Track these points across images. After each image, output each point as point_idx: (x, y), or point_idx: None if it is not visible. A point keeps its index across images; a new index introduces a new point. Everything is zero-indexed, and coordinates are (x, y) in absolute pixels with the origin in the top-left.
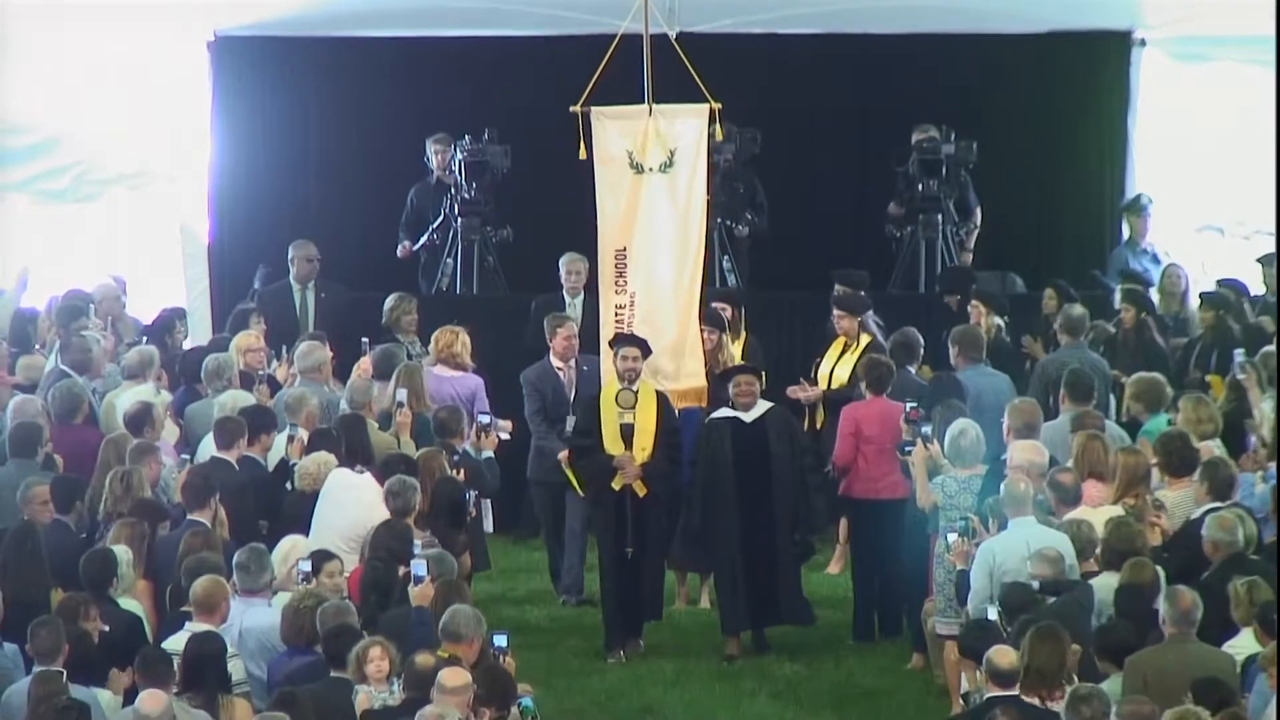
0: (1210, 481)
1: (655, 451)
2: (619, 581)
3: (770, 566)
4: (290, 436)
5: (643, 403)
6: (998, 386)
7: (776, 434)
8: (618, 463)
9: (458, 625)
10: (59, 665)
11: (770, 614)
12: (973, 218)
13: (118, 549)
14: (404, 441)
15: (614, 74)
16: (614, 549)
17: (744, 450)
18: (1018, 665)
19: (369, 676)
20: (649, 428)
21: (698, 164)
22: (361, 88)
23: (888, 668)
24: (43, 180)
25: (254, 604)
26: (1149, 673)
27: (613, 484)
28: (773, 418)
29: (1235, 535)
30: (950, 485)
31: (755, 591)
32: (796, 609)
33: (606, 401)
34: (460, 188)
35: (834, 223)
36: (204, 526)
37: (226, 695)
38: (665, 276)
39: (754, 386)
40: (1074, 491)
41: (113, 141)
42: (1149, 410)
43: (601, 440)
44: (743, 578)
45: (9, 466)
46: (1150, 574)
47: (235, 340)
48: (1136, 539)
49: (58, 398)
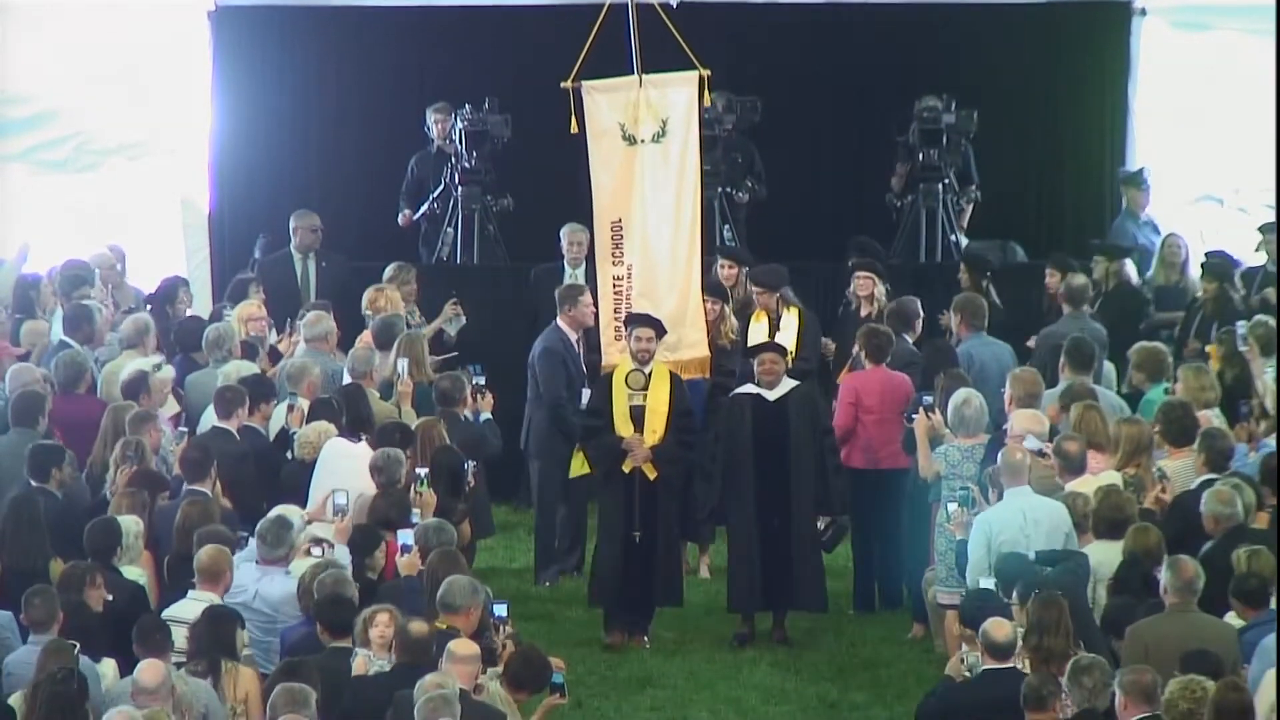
0: (1208, 453)
1: (666, 434)
2: (623, 566)
3: (786, 548)
4: (290, 405)
5: (655, 384)
6: (1000, 355)
7: (798, 414)
8: (627, 445)
9: (454, 596)
10: (54, 634)
11: (784, 597)
12: (972, 187)
13: (126, 519)
14: (405, 411)
15: (610, 45)
16: (622, 533)
17: (764, 428)
18: (1014, 638)
19: (372, 642)
20: (660, 410)
21: (690, 132)
22: (362, 56)
23: (888, 637)
24: (42, 151)
25: (270, 573)
26: (1150, 642)
27: (622, 467)
28: (796, 397)
29: (1234, 508)
30: (953, 454)
31: (770, 572)
32: (811, 595)
33: (617, 382)
34: (461, 157)
35: (834, 191)
36: (203, 495)
37: (232, 664)
38: (662, 247)
39: (779, 365)
40: (1079, 460)
41: (112, 112)
42: (1151, 380)
43: (612, 421)
44: (758, 557)
45: (10, 435)
46: (1155, 539)
47: (237, 309)
48: (1126, 507)
49: (60, 367)
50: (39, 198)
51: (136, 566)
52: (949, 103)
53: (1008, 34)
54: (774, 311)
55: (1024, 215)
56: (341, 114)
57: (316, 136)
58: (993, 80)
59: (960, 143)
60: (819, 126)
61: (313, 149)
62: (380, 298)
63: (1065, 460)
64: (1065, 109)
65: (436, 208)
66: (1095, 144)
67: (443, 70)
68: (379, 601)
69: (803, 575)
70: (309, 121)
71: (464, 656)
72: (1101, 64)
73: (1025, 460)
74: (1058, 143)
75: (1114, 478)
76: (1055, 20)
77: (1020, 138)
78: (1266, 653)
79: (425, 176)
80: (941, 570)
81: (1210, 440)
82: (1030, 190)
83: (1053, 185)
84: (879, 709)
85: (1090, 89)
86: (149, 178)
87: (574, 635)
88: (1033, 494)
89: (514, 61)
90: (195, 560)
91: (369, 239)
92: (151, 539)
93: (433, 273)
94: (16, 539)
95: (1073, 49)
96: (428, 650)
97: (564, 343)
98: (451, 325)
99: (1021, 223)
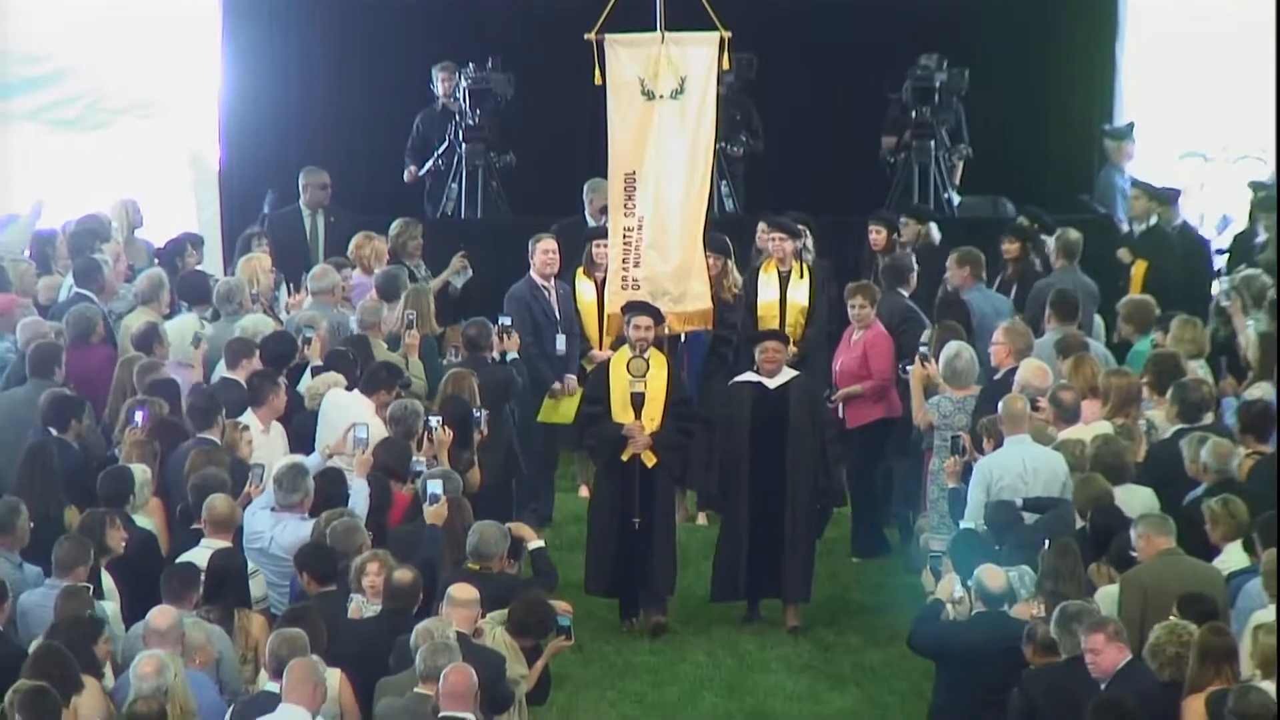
0: (1180, 404)
1: (665, 421)
2: (620, 553)
3: (777, 538)
4: (305, 339)
5: (654, 371)
6: (999, 307)
7: (798, 403)
8: (627, 431)
9: (487, 545)
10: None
11: (768, 587)
12: (963, 144)
13: (136, 467)
14: (412, 362)
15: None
16: (621, 520)
17: (763, 417)
18: (1006, 586)
19: (365, 588)
20: (659, 397)
21: (708, 91)
22: (369, 16)
23: (883, 584)
24: (54, 109)
25: (285, 519)
26: (1148, 585)
27: (621, 455)
28: (796, 387)
29: (1228, 465)
30: (945, 405)
31: (756, 563)
32: (796, 586)
33: (617, 370)
34: (464, 114)
35: (830, 147)
36: (211, 443)
37: (244, 610)
38: (673, 201)
39: (780, 354)
40: (1074, 409)
41: (123, 71)
42: (1139, 331)
43: (610, 408)
44: (746, 547)
45: (28, 386)
46: (1099, 486)
47: (244, 260)
48: (1125, 454)
49: (71, 321)
50: (51, 155)
51: (145, 514)
52: (941, 61)
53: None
54: (785, 264)
55: (1014, 170)
56: (348, 73)
57: (323, 94)
58: (984, 39)
59: (952, 100)
60: (815, 84)
61: (320, 107)
62: (366, 245)
63: (1060, 409)
64: (1055, 67)
65: (441, 164)
66: (1084, 101)
67: (447, 30)
68: (390, 547)
69: (791, 565)
70: (316, 80)
71: (464, 601)
72: (1091, 23)
73: (1026, 409)
74: (1047, 100)
75: (1105, 427)
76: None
77: (1011, 95)
78: (1251, 597)
79: (430, 134)
80: (934, 518)
81: (1182, 391)
82: (1020, 146)
83: (1042, 141)
84: (873, 650)
85: (1079, 48)
86: (159, 135)
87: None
88: (1032, 443)
89: (517, 22)
90: (205, 508)
91: (375, 195)
92: (163, 487)
93: (437, 227)
94: (31, 487)
95: (1062, 8)
96: (414, 596)
97: (531, 289)
98: (458, 278)
99: (1012, 177)
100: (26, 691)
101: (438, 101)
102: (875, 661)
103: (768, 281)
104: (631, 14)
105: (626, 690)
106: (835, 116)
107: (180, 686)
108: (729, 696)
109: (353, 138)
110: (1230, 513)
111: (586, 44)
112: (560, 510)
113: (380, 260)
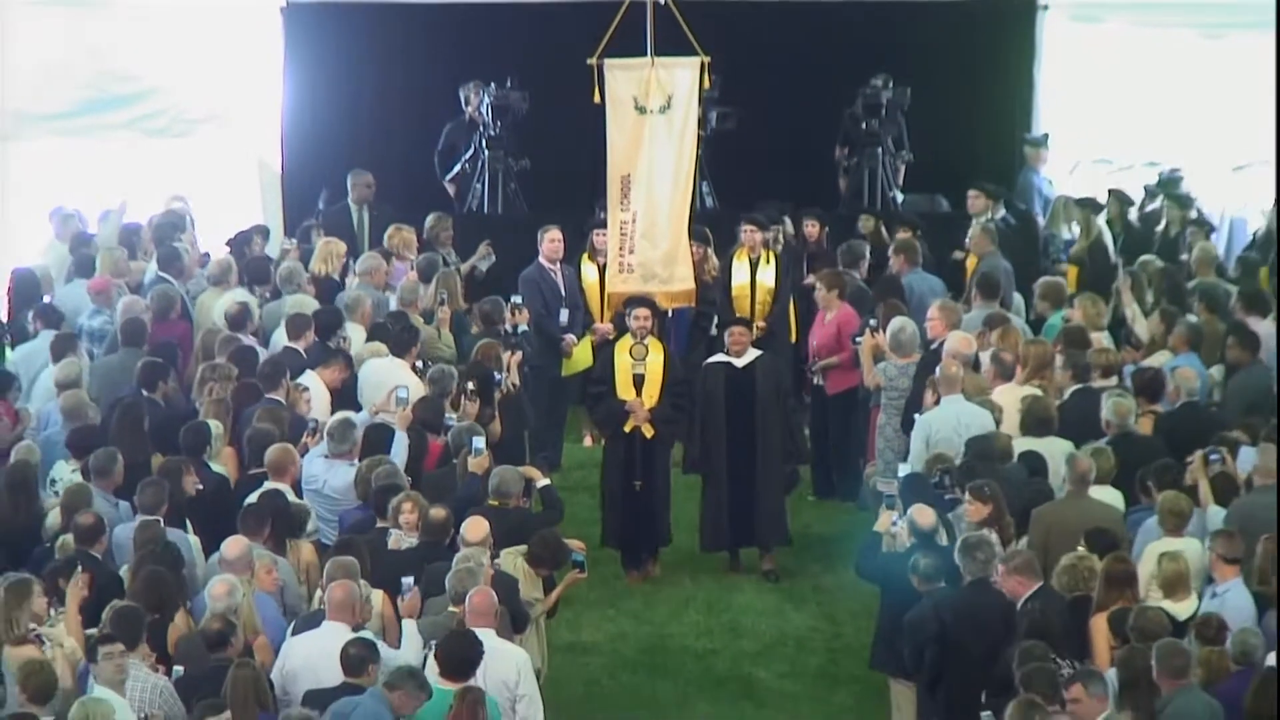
0: (1073, 369)
1: (661, 398)
2: (626, 511)
3: (751, 493)
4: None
5: (652, 356)
6: (934, 287)
7: (764, 378)
8: (629, 406)
9: (507, 485)
10: (159, 516)
11: (747, 535)
12: (905, 151)
13: (213, 422)
14: (444, 334)
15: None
16: (624, 483)
17: (734, 392)
18: (935, 524)
19: (402, 524)
20: (657, 378)
21: (690, 106)
22: (407, 44)
23: (838, 520)
24: (145, 120)
25: (336, 465)
26: (1051, 523)
27: (624, 427)
28: (761, 364)
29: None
30: (891, 370)
31: (736, 516)
32: (772, 532)
33: (620, 354)
34: (487, 126)
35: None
36: (277, 403)
37: (294, 540)
38: (662, 198)
39: (745, 337)
40: (1012, 368)
41: (201, 88)
42: (1053, 307)
43: (614, 387)
44: (727, 503)
45: (121, 354)
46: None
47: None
48: (1050, 410)
49: (155, 299)
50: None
51: (219, 462)
52: (887, 81)
53: (936, 26)
54: (755, 251)
55: (948, 173)
56: (389, 90)
57: (368, 108)
58: (923, 64)
59: (897, 114)
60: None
61: (365, 118)
62: (396, 235)
63: (1001, 367)
64: (983, 87)
65: (468, 168)
66: (1007, 116)
67: (473, 54)
68: (425, 489)
69: (766, 513)
70: (363, 96)
71: (476, 539)
72: (1012, 50)
73: (959, 373)
74: (976, 114)
75: (1027, 389)
76: (975, 14)
77: (946, 110)
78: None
79: (457, 141)
80: (880, 465)
81: (1072, 358)
82: (953, 153)
83: (972, 149)
84: (829, 576)
85: (1003, 71)
86: (232, 143)
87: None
88: (965, 401)
89: (532, 48)
90: (266, 457)
91: (413, 192)
92: (237, 438)
93: (465, 220)
94: (122, 438)
95: (989, 38)
96: (446, 530)
97: (540, 271)
98: (483, 263)
99: (946, 179)
100: (120, 609)
101: (465, 114)
102: (830, 584)
103: (740, 267)
104: (626, 42)
105: (623, 608)
106: (797, 128)
107: (248, 606)
108: (708, 613)
109: (393, 144)
110: (1099, 463)
111: (588, 68)
112: (568, 457)
113: (409, 248)
